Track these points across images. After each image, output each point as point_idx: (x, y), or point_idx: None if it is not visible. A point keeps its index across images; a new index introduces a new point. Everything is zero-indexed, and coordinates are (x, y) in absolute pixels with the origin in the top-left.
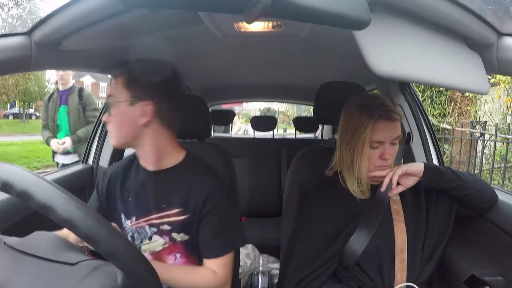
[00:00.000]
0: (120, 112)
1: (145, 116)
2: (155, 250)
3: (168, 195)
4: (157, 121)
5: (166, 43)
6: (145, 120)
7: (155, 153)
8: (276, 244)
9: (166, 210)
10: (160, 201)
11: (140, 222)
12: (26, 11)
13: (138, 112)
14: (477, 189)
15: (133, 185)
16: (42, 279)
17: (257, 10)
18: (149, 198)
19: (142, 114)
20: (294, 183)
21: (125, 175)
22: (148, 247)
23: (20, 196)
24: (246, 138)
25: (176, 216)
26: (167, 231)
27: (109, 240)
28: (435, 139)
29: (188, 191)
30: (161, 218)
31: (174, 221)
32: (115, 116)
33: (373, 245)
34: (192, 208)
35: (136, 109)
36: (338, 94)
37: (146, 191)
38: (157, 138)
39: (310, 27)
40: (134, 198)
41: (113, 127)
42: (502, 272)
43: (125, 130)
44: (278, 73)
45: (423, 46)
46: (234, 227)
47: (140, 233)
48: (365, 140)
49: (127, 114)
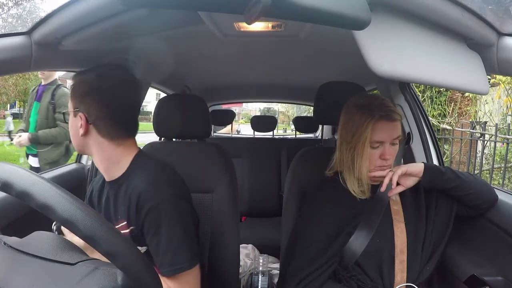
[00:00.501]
0: (70, 122)
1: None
2: None
3: (116, 207)
4: (94, 131)
5: (166, 43)
6: (83, 131)
7: (102, 163)
8: (276, 244)
9: (119, 223)
10: (115, 213)
11: None
12: (26, 11)
13: (78, 123)
14: (477, 189)
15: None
16: (42, 279)
17: (257, 10)
18: (107, 210)
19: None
20: (294, 183)
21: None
22: None
23: (20, 196)
24: (246, 138)
25: (125, 228)
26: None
27: (109, 240)
28: (435, 139)
29: (128, 200)
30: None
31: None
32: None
33: (373, 245)
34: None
35: (77, 119)
36: (338, 94)
37: (104, 203)
38: (100, 148)
39: (310, 27)
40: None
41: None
42: (502, 272)
43: (74, 139)
44: (278, 73)
45: (423, 46)
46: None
47: None
48: (365, 140)
49: (72, 124)
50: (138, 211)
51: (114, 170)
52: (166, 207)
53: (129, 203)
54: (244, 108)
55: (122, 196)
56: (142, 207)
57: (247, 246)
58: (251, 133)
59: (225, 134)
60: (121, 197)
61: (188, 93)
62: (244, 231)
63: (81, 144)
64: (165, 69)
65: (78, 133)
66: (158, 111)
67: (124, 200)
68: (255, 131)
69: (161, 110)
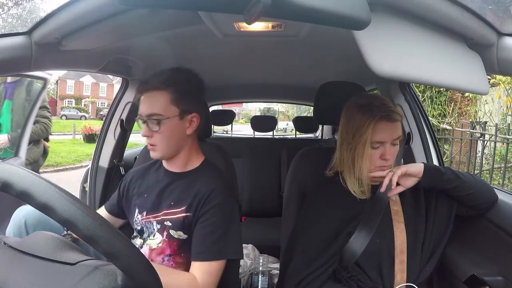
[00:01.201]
0: (170, 127)
1: (191, 127)
2: (152, 247)
3: (180, 194)
4: (196, 129)
5: (166, 43)
6: (191, 131)
7: (186, 157)
8: (276, 244)
9: (173, 208)
10: (171, 199)
11: (149, 217)
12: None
13: (186, 124)
14: (477, 189)
15: (151, 183)
16: (42, 279)
17: (257, 10)
18: (163, 196)
19: (189, 125)
20: (294, 183)
21: (145, 174)
22: (150, 243)
23: (20, 196)
24: (246, 138)
25: (180, 213)
26: (168, 228)
27: (109, 240)
28: (435, 139)
29: (197, 192)
30: (167, 214)
31: (177, 219)
32: (163, 132)
33: (373, 245)
34: (195, 207)
35: (184, 122)
36: (338, 94)
37: (162, 190)
38: (190, 144)
39: (310, 27)
40: (150, 195)
41: (161, 141)
42: (502, 272)
43: (174, 143)
44: (278, 73)
45: (423, 46)
46: (231, 237)
47: (148, 227)
48: (366, 141)
49: (177, 128)
50: (205, 203)
51: (190, 164)
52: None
53: (196, 194)
54: (244, 108)
55: (189, 186)
56: (210, 201)
57: (247, 246)
58: (257, 133)
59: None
60: (188, 188)
61: None
62: (244, 231)
63: (182, 144)
64: (165, 69)
65: (183, 134)
66: None
67: (191, 190)
68: (255, 131)
69: None
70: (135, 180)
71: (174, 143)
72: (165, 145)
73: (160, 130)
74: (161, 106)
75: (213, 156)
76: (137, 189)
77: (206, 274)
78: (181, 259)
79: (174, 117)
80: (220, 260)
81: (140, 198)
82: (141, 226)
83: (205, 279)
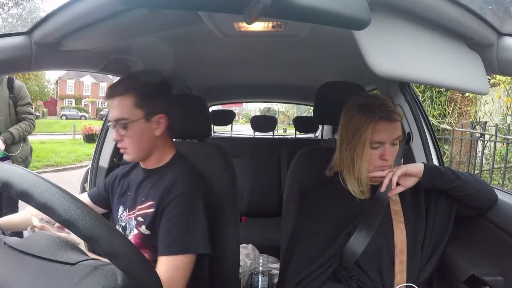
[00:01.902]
0: (137, 130)
1: (159, 128)
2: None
3: (150, 190)
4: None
5: (166, 43)
6: (160, 132)
7: (158, 155)
8: (276, 244)
9: (144, 203)
10: (143, 195)
11: (130, 214)
12: (26, 11)
13: (154, 126)
14: (477, 189)
15: (132, 182)
16: (42, 279)
17: (257, 10)
18: (138, 192)
19: (157, 126)
20: (294, 183)
21: (130, 173)
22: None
23: (20, 196)
24: (246, 138)
25: (149, 208)
26: (141, 223)
27: (109, 240)
28: (435, 140)
29: (164, 185)
30: (140, 210)
31: (147, 214)
32: (131, 136)
33: (372, 245)
34: (160, 200)
35: (151, 123)
36: (338, 94)
37: (137, 187)
38: (163, 144)
39: (310, 27)
40: (131, 192)
41: (131, 145)
42: (502, 272)
43: (144, 145)
44: (278, 73)
45: (423, 46)
46: (197, 230)
47: (129, 224)
48: (365, 141)
49: (144, 130)
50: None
51: (163, 160)
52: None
53: (163, 187)
54: (244, 108)
55: (158, 181)
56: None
57: (247, 246)
58: (257, 133)
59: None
60: (157, 182)
61: (188, 93)
62: (244, 231)
63: (152, 146)
64: (165, 69)
65: (151, 135)
66: None
67: (160, 184)
68: (255, 131)
69: None
70: (119, 179)
71: (144, 145)
72: (135, 148)
73: (128, 134)
74: (126, 110)
75: (213, 156)
76: (120, 188)
77: (172, 269)
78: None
79: (140, 120)
80: (187, 254)
81: (124, 196)
82: (124, 223)
83: (171, 274)
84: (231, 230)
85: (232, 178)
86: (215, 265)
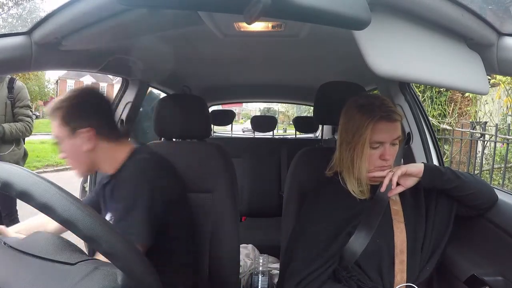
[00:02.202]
0: (68, 147)
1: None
2: None
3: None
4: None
5: (166, 43)
6: (91, 145)
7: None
8: (276, 244)
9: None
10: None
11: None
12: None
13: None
14: (477, 189)
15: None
16: (42, 279)
17: (257, 10)
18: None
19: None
20: (294, 183)
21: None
22: None
23: (20, 196)
24: (246, 138)
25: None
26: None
27: (109, 240)
28: (435, 140)
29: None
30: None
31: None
32: (66, 154)
33: (372, 245)
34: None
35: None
36: (338, 94)
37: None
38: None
39: (310, 27)
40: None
41: (70, 162)
42: (502, 272)
43: (82, 159)
44: (278, 73)
45: (423, 46)
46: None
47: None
48: (365, 141)
49: (73, 146)
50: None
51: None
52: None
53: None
54: (244, 108)
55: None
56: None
57: (247, 246)
58: (257, 133)
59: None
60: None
61: (188, 93)
62: (244, 231)
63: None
64: (165, 69)
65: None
66: (158, 111)
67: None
68: (255, 131)
69: (161, 110)
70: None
71: (82, 160)
72: (75, 164)
73: (64, 152)
74: (56, 130)
75: (213, 156)
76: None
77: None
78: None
79: (66, 137)
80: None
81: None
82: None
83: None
84: (231, 230)
85: (232, 178)
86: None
